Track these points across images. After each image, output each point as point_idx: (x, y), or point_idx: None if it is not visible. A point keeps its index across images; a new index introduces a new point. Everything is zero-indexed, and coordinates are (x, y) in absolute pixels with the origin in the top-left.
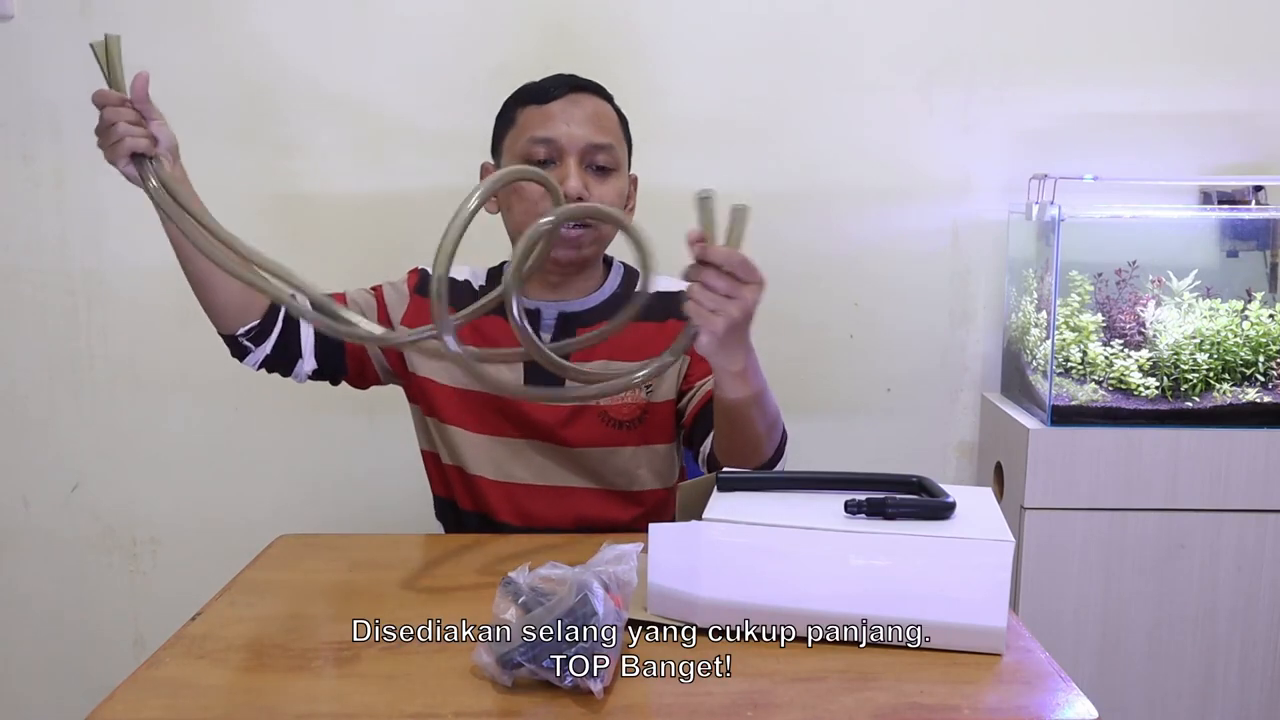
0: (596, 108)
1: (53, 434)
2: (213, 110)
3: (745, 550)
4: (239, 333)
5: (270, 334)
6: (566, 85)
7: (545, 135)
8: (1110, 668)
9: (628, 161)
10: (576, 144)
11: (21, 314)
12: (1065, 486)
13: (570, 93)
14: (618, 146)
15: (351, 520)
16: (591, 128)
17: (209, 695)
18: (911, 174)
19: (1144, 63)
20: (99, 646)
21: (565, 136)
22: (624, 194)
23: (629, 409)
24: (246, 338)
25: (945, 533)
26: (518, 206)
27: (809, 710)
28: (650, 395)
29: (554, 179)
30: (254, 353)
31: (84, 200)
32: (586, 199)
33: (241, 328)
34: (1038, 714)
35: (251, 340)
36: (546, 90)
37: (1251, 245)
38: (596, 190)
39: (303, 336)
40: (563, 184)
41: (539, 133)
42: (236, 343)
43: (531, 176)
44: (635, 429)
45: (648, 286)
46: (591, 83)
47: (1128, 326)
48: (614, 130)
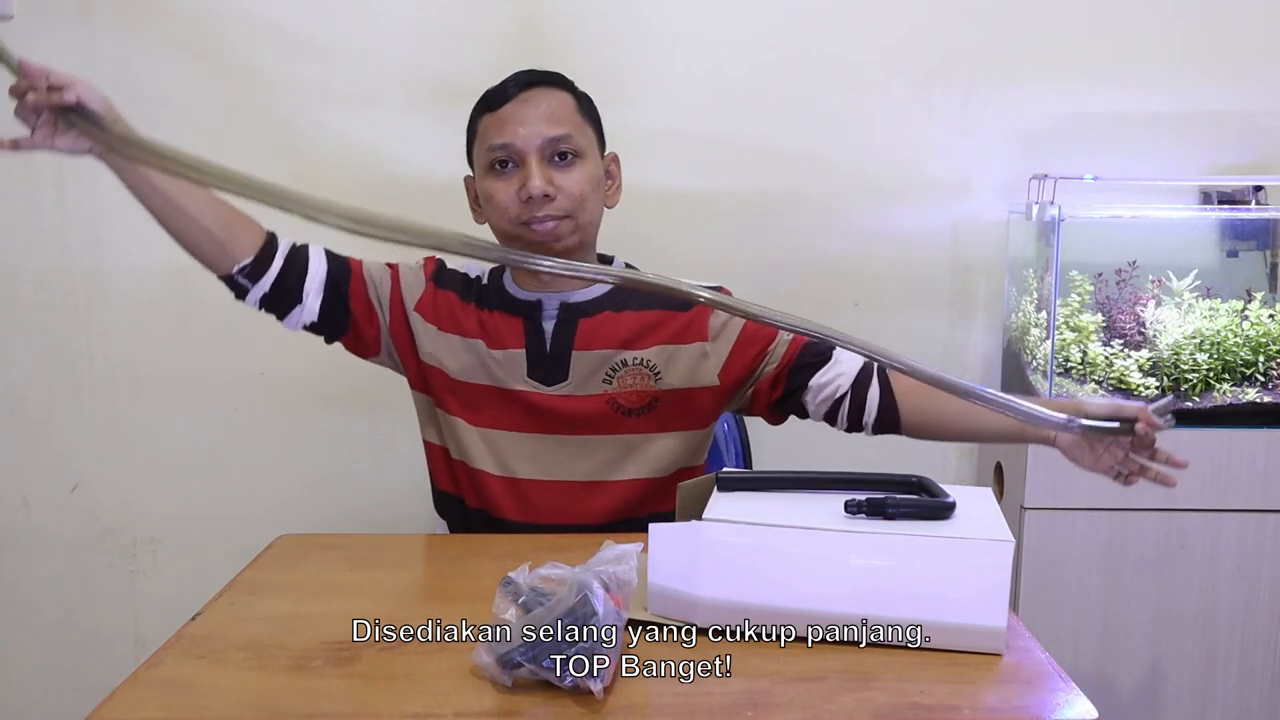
0: (550, 100)
1: (53, 434)
2: (211, 109)
3: (745, 550)
4: (234, 271)
5: (268, 269)
6: (518, 84)
7: (502, 141)
8: (1110, 668)
9: (599, 142)
10: (533, 142)
11: (21, 314)
12: (1065, 486)
13: (521, 91)
14: (577, 134)
15: (351, 520)
16: (545, 122)
17: (209, 695)
18: (911, 174)
19: (1144, 63)
20: (99, 646)
21: (521, 138)
22: (596, 179)
23: (638, 397)
24: (242, 275)
25: (945, 533)
26: (491, 213)
27: (809, 710)
28: (659, 383)
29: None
30: (252, 290)
31: (84, 200)
32: (552, 194)
33: (235, 265)
34: (1038, 714)
35: (247, 277)
36: (499, 94)
37: (1251, 245)
38: (562, 181)
39: (308, 282)
40: (526, 185)
41: (496, 139)
42: (233, 282)
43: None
44: (645, 416)
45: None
46: (545, 74)
47: (1128, 326)
48: (570, 118)
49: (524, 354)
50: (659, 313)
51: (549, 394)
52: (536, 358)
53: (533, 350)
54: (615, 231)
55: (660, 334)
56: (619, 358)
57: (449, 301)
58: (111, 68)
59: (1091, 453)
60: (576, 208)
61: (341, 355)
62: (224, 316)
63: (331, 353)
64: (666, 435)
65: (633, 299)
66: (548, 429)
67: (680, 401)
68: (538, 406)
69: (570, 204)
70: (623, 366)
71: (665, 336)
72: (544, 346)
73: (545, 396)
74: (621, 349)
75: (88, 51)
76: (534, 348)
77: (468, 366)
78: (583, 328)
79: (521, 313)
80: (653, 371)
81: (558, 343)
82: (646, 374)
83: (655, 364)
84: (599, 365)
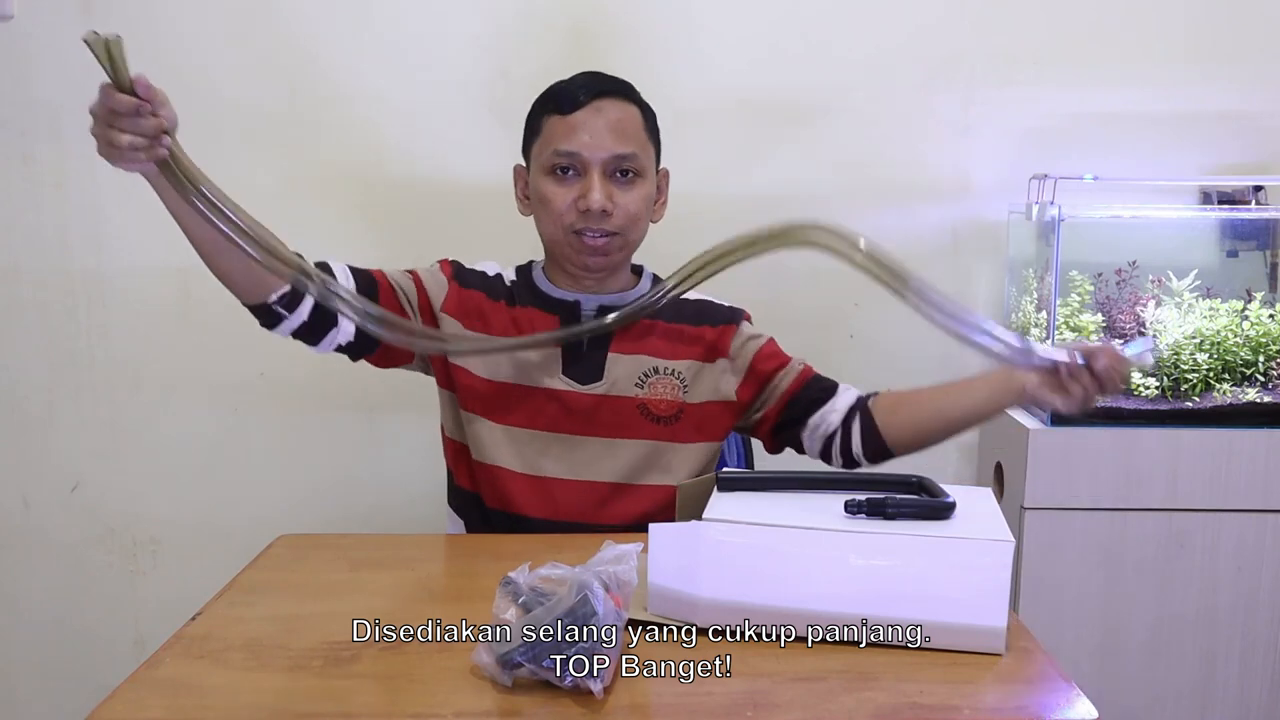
0: (620, 114)
1: (53, 434)
2: (211, 109)
3: (745, 550)
4: (271, 300)
5: (304, 296)
6: (590, 91)
7: (568, 149)
8: (1110, 668)
9: (655, 160)
10: (599, 156)
11: (21, 314)
12: (1065, 486)
13: (594, 100)
14: (641, 153)
15: (351, 520)
16: (614, 137)
17: (209, 695)
18: (911, 174)
19: (1144, 63)
20: (99, 646)
21: (588, 149)
22: (650, 198)
23: (667, 405)
24: (280, 304)
25: (945, 533)
26: (543, 215)
27: (809, 710)
28: (686, 396)
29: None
30: (288, 319)
31: (84, 200)
32: (610, 210)
33: (274, 294)
34: (1038, 714)
35: (285, 306)
36: (570, 98)
37: (1251, 245)
38: (621, 199)
39: None
40: (586, 196)
41: (562, 145)
42: (269, 311)
43: None
44: (673, 425)
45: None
46: (616, 84)
47: (1128, 326)
48: (637, 136)
49: (559, 351)
50: (688, 327)
51: (583, 392)
52: (574, 356)
53: (569, 348)
54: None
55: (691, 349)
56: (652, 364)
57: (476, 300)
58: None
59: (1063, 392)
60: (629, 226)
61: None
62: (224, 316)
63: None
64: (689, 446)
65: (665, 310)
66: (577, 428)
67: (703, 415)
68: (570, 404)
69: (624, 222)
70: (655, 374)
71: (695, 352)
72: (581, 345)
73: (579, 395)
74: (655, 357)
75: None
76: (571, 346)
77: (495, 365)
78: (620, 331)
79: (558, 311)
80: (682, 383)
81: (595, 343)
82: (676, 384)
83: (685, 376)
84: (633, 369)
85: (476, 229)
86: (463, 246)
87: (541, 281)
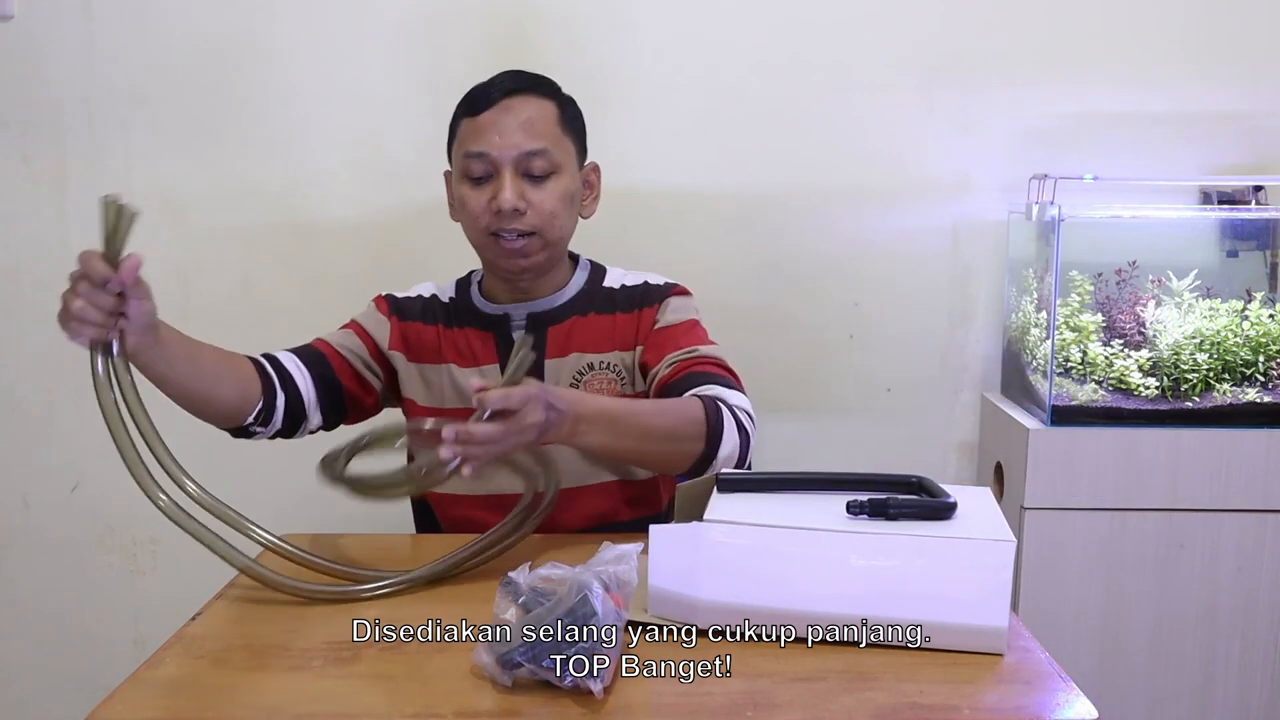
0: (531, 110)
1: (53, 434)
2: (211, 109)
3: (746, 552)
4: (248, 423)
5: (274, 410)
6: (501, 90)
7: (478, 150)
8: (1110, 668)
9: (579, 154)
10: (508, 155)
11: (21, 314)
12: (1065, 486)
13: (503, 98)
14: (554, 148)
15: (351, 520)
16: (523, 134)
17: (209, 695)
18: (911, 174)
19: (1144, 63)
20: (99, 646)
21: (496, 148)
22: (570, 193)
23: None
24: (257, 424)
25: (947, 533)
26: (463, 219)
27: (809, 710)
28: (625, 388)
29: (492, 191)
30: (264, 432)
31: (84, 200)
32: (523, 209)
33: (246, 418)
34: (1038, 714)
35: (261, 425)
36: (481, 98)
37: (1251, 245)
38: (534, 196)
39: (305, 399)
40: (497, 197)
41: (472, 147)
42: (245, 431)
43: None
44: None
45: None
46: (529, 80)
47: (1128, 326)
48: (549, 131)
49: (498, 369)
50: (620, 315)
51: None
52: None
53: (506, 364)
54: (615, 234)
55: (621, 338)
56: (586, 361)
57: (415, 330)
58: (112, 68)
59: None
60: (546, 225)
61: None
62: (223, 316)
63: None
64: None
65: (595, 303)
66: None
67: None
68: None
69: (540, 220)
70: (589, 371)
71: (627, 341)
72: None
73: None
74: (587, 352)
75: (88, 51)
76: (507, 361)
77: (438, 392)
78: (552, 335)
79: (491, 327)
80: (619, 376)
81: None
82: (613, 378)
83: (619, 368)
84: (568, 371)
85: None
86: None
87: (476, 296)
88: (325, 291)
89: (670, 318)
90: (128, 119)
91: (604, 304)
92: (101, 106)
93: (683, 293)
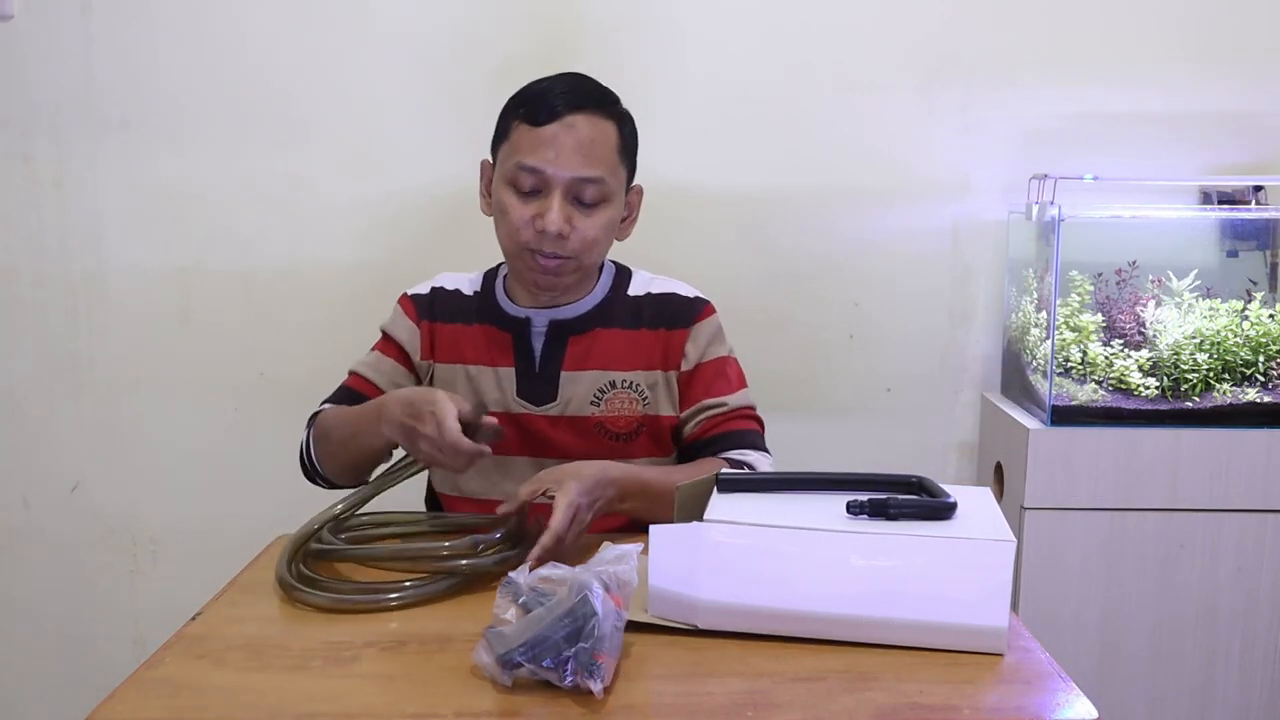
0: (593, 132)
1: (53, 434)
2: (211, 109)
3: (747, 552)
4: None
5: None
6: (566, 103)
7: (532, 164)
8: (1110, 668)
9: (626, 182)
10: (562, 177)
11: (21, 314)
12: (1065, 486)
13: (568, 113)
14: (609, 177)
15: None
16: (581, 158)
17: (209, 695)
18: (911, 174)
19: (1144, 63)
20: (99, 646)
21: (552, 167)
22: (614, 222)
23: (626, 421)
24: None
25: (947, 533)
26: (500, 224)
27: (809, 710)
28: (647, 408)
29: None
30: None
31: (84, 200)
32: (567, 235)
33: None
34: (1038, 714)
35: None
36: (544, 107)
37: (1251, 245)
38: (580, 224)
39: None
40: (544, 217)
41: (527, 160)
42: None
43: None
44: (634, 441)
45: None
46: (594, 96)
47: (1128, 326)
48: (608, 159)
49: (514, 372)
50: (646, 331)
51: (537, 414)
52: (525, 376)
53: (521, 368)
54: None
55: (645, 356)
56: (608, 378)
57: (441, 331)
58: (112, 67)
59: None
60: (585, 251)
61: (341, 355)
62: (224, 316)
63: (331, 353)
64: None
65: (619, 314)
66: (535, 451)
67: (659, 428)
68: (527, 427)
69: (580, 247)
70: (611, 389)
71: (654, 359)
72: (533, 365)
73: (533, 417)
74: (610, 369)
75: (88, 51)
76: (523, 366)
77: (465, 394)
78: (572, 346)
79: (512, 329)
80: (641, 396)
81: (546, 362)
82: (635, 398)
83: (644, 387)
84: (589, 386)
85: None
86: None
87: (500, 294)
88: (325, 292)
89: (701, 352)
90: (128, 119)
91: (629, 316)
92: (101, 106)
93: (710, 312)
